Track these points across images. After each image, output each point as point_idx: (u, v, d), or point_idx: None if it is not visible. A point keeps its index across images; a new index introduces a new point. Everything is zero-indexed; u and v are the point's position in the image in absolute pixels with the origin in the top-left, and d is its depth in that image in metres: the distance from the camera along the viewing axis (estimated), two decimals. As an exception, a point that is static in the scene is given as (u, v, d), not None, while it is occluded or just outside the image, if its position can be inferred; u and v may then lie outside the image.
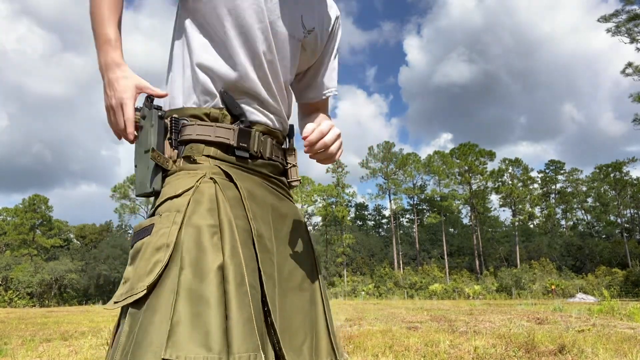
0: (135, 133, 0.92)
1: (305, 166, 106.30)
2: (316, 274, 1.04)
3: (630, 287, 38.53)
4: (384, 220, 67.44)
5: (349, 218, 55.59)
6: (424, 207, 62.37)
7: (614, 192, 55.19)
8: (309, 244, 1.06)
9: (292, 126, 1.12)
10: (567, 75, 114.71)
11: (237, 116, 0.96)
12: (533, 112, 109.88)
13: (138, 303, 0.75)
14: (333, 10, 1.16)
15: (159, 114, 0.94)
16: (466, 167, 52.55)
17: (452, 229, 62.06)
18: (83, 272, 52.34)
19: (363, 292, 41.16)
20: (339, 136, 0.96)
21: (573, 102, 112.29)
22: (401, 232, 61.66)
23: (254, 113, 0.98)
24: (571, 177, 63.52)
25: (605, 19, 29.32)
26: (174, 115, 0.96)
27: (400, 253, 54.87)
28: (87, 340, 5.01)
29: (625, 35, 29.36)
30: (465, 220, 60.92)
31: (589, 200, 61.46)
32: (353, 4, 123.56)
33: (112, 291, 54.00)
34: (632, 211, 57.96)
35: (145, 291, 0.75)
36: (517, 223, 52.34)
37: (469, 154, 52.63)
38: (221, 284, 0.75)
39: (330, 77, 1.19)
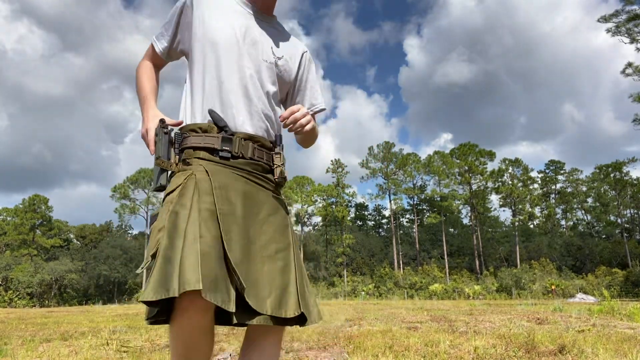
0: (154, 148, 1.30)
1: (305, 166, 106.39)
2: (292, 252, 1.30)
3: (630, 287, 38.53)
4: (384, 221, 67.45)
5: (349, 218, 55.59)
6: (424, 207, 62.36)
7: (614, 192, 55.17)
8: (286, 227, 1.34)
9: (279, 135, 1.40)
10: (567, 75, 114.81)
11: (222, 127, 1.30)
12: (533, 112, 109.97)
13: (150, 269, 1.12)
14: (299, 47, 1.53)
15: (164, 130, 1.29)
16: (466, 167, 52.54)
17: (452, 229, 62.06)
18: (83, 272, 52.33)
19: (363, 292, 41.17)
20: (307, 115, 1.33)
21: (573, 102, 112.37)
22: (401, 232, 61.67)
23: (237, 124, 1.31)
24: (571, 177, 63.53)
25: (605, 19, 29.33)
26: (177, 131, 1.33)
27: (400, 253, 54.86)
28: (87, 340, 5.01)
29: (625, 35, 29.37)
30: (465, 221, 60.96)
31: (589, 200, 61.46)
32: (353, 3, 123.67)
33: (111, 291, 54.00)
34: (632, 211, 57.97)
35: (150, 260, 1.13)
36: (517, 223, 52.33)
37: (469, 154, 52.63)
38: (179, 241, 1.09)
39: (314, 96, 1.54)
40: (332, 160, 59.25)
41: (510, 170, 55.62)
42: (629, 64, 29.41)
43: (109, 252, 54.58)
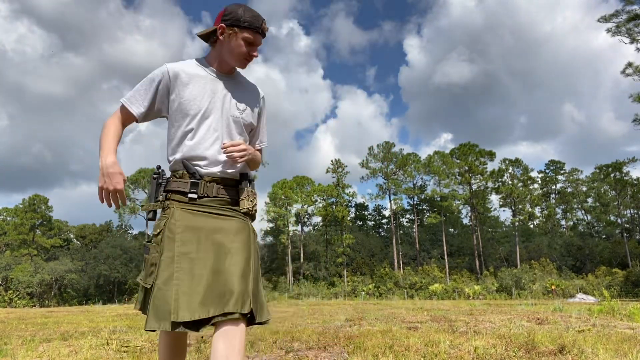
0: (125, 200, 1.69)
1: (305, 166, 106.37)
2: (246, 261, 1.66)
3: (630, 287, 38.53)
4: (384, 221, 67.44)
5: (349, 218, 55.58)
6: (424, 207, 62.34)
7: (614, 192, 55.17)
8: (245, 243, 1.71)
9: (243, 174, 1.81)
10: (568, 75, 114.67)
11: (192, 173, 1.71)
12: (533, 112, 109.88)
13: (146, 289, 1.69)
14: (258, 94, 1.93)
15: (154, 176, 1.75)
16: (466, 167, 52.52)
17: (452, 229, 62.05)
18: (83, 272, 52.32)
19: (363, 292, 41.17)
20: (245, 150, 1.73)
21: (573, 102, 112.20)
22: (401, 232, 61.66)
23: (204, 170, 1.73)
24: (571, 177, 63.52)
25: (605, 19, 29.33)
26: (164, 176, 1.76)
27: (400, 253, 54.85)
28: (87, 340, 5.01)
29: (626, 35, 29.37)
30: (465, 221, 60.95)
31: (589, 200, 61.45)
32: (353, 3, 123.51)
33: (111, 291, 54.00)
34: (632, 211, 57.96)
35: (150, 286, 1.64)
36: (517, 223, 52.33)
37: (469, 154, 52.61)
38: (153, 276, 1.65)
39: (263, 136, 1.99)
40: (332, 160, 59.24)
41: (510, 170, 55.63)
42: (629, 64, 29.41)
43: (109, 252, 54.56)
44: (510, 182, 54.51)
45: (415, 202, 59.59)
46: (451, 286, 40.00)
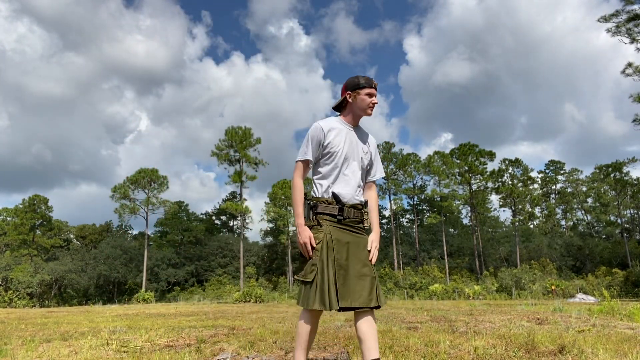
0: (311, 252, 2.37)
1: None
2: (372, 269, 2.41)
3: (630, 287, 38.52)
4: (384, 221, 67.41)
5: (349, 218, 55.44)
6: (424, 207, 62.34)
7: (614, 192, 55.15)
8: (369, 254, 2.45)
9: (365, 200, 2.56)
10: (568, 75, 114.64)
11: (339, 201, 2.41)
12: (533, 111, 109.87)
13: (306, 282, 2.33)
14: (372, 140, 2.68)
15: (307, 202, 2.45)
16: (466, 167, 52.50)
17: (452, 229, 62.03)
18: (83, 272, 52.29)
19: (363, 292, 41.02)
20: (376, 248, 2.49)
21: (573, 102, 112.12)
22: (401, 232, 61.65)
23: (345, 199, 2.43)
24: (571, 177, 63.53)
25: (605, 19, 29.31)
26: (313, 201, 2.44)
27: (400, 253, 54.84)
28: (87, 340, 5.01)
29: (625, 35, 29.35)
30: (465, 221, 60.95)
31: (589, 200, 61.45)
32: (354, 2, 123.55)
33: (111, 291, 53.98)
34: (632, 211, 57.96)
35: (312, 280, 2.31)
36: (517, 223, 52.32)
37: (469, 154, 52.57)
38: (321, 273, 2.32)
39: (377, 169, 2.69)
40: (332, 161, 59.15)
41: (510, 170, 55.61)
42: (629, 64, 29.39)
43: (109, 252, 54.53)
44: (510, 182, 54.49)
45: (415, 202, 59.62)
46: (451, 286, 39.98)
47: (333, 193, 2.40)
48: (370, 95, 2.47)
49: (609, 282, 39.40)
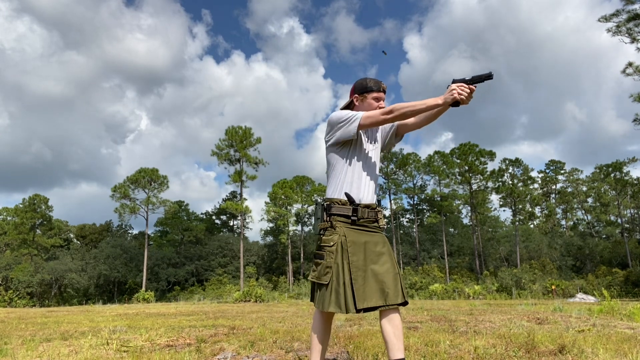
0: None
1: (306, 166, 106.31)
2: (393, 265, 2.33)
3: (630, 287, 38.52)
4: (384, 220, 67.31)
5: (349, 218, 55.41)
6: (424, 207, 62.31)
7: (614, 192, 55.14)
8: (389, 251, 2.37)
9: (379, 200, 2.52)
10: (569, 73, 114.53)
11: (352, 201, 2.33)
12: (534, 111, 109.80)
13: (320, 285, 2.29)
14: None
15: (318, 201, 2.40)
16: (466, 167, 52.49)
17: (452, 229, 62.02)
18: (83, 272, 52.30)
19: (363, 292, 41.00)
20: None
21: (575, 101, 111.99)
22: (401, 232, 61.64)
23: (359, 199, 2.36)
24: (571, 177, 63.50)
25: (605, 19, 29.28)
26: (326, 203, 2.38)
27: (401, 253, 54.84)
28: (87, 340, 5.01)
29: (626, 35, 29.32)
30: (466, 220, 60.91)
31: (589, 200, 61.43)
32: (355, 1, 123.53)
33: (111, 291, 53.99)
34: (632, 211, 57.93)
35: (327, 282, 2.26)
36: (517, 223, 52.31)
37: (469, 154, 52.55)
38: (336, 276, 2.28)
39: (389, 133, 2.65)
40: (332, 160, 59.07)
41: (510, 170, 55.61)
42: (629, 64, 29.35)
43: (109, 252, 54.53)
44: (510, 182, 54.48)
45: (415, 202, 59.60)
46: (451, 286, 39.97)
47: (346, 194, 2.34)
48: (378, 99, 2.42)
49: (609, 282, 39.39)
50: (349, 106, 2.52)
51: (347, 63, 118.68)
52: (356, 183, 2.37)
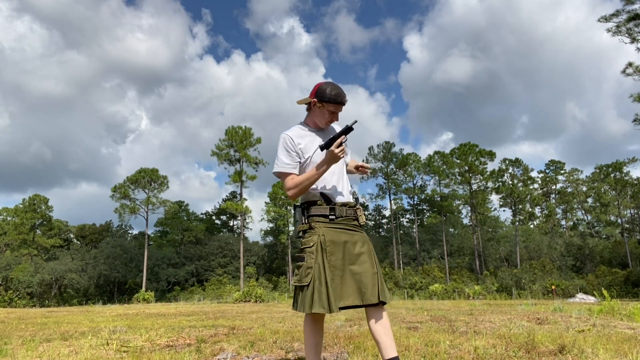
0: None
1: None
2: (372, 265, 2.32)
3: (630, 287, 38.52)
4: (384, 221, 67.47)
5: (349, 218, 55.43)
6: (424, 207, 62.36)
7: (614, 192, 55.15)
8: (368, 250, 2.36)
9: (356, 198, 2.55)
10: (570, 73, 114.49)
11: (329, 201, 2.36)
12: (535, 111, 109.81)
13: (302, 287, 2.25)
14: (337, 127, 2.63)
15: (296, 205, 2.45)
16: (466, 167, 52.50)
17: (452, 229, 62.05)
18: (83, 272, 52.31)
19: (363, 292, 41.00)
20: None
21: (575, 101, 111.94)
22: (401, 232, 61.66)
23: (336, 198, 2.38)
24: (571, 177, 63.54)
25: (605, 19, 29.27)
26: (304, 204, 2.39)
27: (401, 253, 54.87)
28: (87, 340, 5.01)
29: (626, 35, 29.31)
30: (466, 220, 60.94)
31: (589, 200, 61.46)
32: (355, 0, 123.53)
33: (112, 291, 53.99)
34: (632, 211, 57.95)
35: (308, 283, 2.22)
36: (517, 223, 52.32)
37: (469, 154, 52.58)
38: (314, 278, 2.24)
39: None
40: (332, 160, 59.12)
41: (510, 170, 55.63)
42: (629, 64, 29.33)
43: (109, 252, 54.55)
44: (510, 182, 54.50)
45: (415, 202, 59.64)
46: (451, 286, 39.97)
47: (322, 193, 2.34)
48: (334, 113, 2.38)
49: (609, 282, 39.38)
50: (309, 104, 2.45)
51: (348, 63, 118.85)
52: (329, 183, 2.38)
